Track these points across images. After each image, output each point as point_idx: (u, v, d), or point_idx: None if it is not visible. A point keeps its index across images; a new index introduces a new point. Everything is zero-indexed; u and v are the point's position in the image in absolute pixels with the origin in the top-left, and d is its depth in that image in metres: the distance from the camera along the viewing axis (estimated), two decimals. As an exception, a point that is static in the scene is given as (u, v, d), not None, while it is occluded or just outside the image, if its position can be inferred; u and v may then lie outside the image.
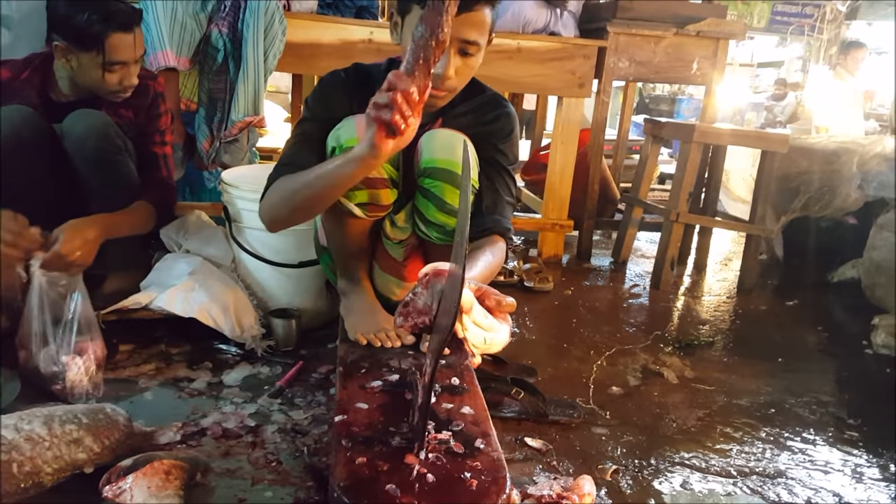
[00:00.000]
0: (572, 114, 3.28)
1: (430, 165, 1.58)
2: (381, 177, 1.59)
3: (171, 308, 1.96)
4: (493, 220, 1.62)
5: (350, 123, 1.54)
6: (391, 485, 1.18)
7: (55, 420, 1.35)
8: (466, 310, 1.18)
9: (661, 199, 3.82)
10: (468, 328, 1.20)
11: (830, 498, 1.58)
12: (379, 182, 1.60)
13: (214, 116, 2.72)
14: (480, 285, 1.26)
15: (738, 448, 1.77)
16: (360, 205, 1.62)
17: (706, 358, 2.38)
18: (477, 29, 1.48)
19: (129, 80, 2.01)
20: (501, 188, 1.67)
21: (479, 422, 1.44)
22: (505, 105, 1.72)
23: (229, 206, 2.20)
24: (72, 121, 1.98)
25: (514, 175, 1.74)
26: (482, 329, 1.21)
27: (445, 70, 1.49)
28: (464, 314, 1.19)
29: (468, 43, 1.49)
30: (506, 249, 1.62)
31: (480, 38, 1.50)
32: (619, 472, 1.60)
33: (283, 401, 1.77)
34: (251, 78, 2.61)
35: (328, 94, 1.67)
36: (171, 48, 2.47)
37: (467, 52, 1.50)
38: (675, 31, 3.33)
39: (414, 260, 1.84)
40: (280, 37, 2.64)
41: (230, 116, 2.66)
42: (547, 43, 3.13)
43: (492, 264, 1.51)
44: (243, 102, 2.62)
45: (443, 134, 1.60)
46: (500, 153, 1.68)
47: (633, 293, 3.11)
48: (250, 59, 2.58)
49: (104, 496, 1.27)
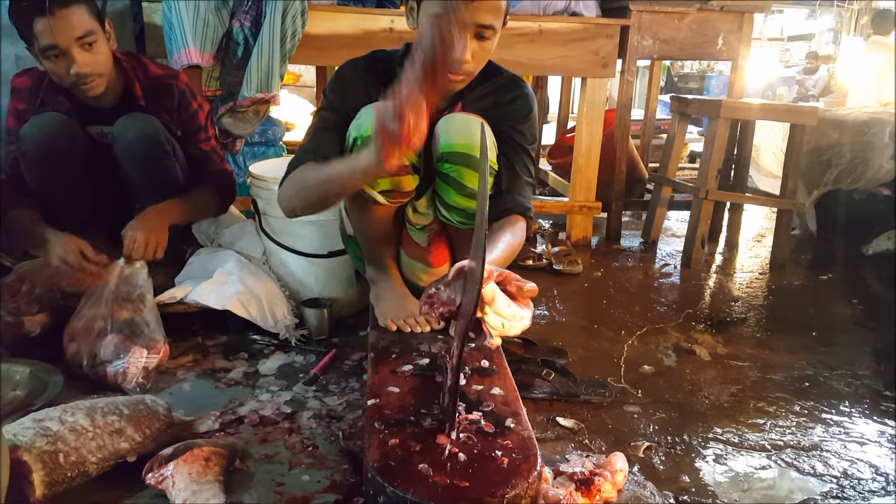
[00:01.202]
0: (597, 95, 3.26)
1: (448, 150, 1.59)
2: (402, 162, 1.61)
3: (206, 301, 2.00)
4: (512, 200, 1.63)
5: (369, 112, 1.56)
6: (423, 464, 1.21)
7: (97, 411, 1.40)
8: (489, 301, 1.20)
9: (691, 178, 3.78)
10: (488, 314, 1.21)
11: (867, 469, 1.57)
12: (401, 168, 1.61)
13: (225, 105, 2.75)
14: (502, 271, 1.27)
15: (772, 422, 1.76)
16: (383, 192, 1.64)
17: (739, 334, 2.36)
18: (492, 13, 1.50)
19: (77, 67, 1.85)
20: (520, 168, 1.68)
21: (509, 402, 1.46)
22: (522, 86, 1.73)
23: (258, 200, 2.24)
24: (123, 125, 1.98)
25: (533, 155, 1.74)
26: (505, 318, 1.22)
27: (462, 54, 1.50)
28: (486, 305, 1.20)
29: (483, 27, 1.50)
30: (526, 229, 1.63)
31: (496, 22, 1.51)
32: (652, 448, 1.60)
33: (317, 388, 1.80)
34: (265, 53, 2.60)
35: (345, 84, 1.69)
36: (194, 45, 2.49)
37: (483, 35, 1.52)
38: (699, 7, 3.28)
39: (438, 245, 1.86)
40: (300, 19, 2.63)
41: (241, 91, 2.67)
42: (568, 24, 3.11)
43: (512, 245, 1.52)
44: (256, 78, 2.62)
45: (459, 118, 1.61)
46: (519, 133, 1.69)
47: (663, 272, 3.09)
48: (265, 35, 2.58)
49: (147, 484, 1.31)
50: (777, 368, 2.08)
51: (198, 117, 2.18)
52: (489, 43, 1.54)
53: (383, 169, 1.33)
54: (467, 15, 1.46)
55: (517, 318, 1.24)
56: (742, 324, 2.46)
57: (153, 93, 2.08)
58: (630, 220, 4.01)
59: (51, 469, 1.26)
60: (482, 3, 1.47)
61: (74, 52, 1.84)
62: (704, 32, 3.36)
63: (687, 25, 3.32)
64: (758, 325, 2.47)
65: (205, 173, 2.20)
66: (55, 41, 1.81)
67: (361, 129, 1.55)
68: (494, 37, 1.54)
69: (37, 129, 1.89)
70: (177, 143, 2.10)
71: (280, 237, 2.20)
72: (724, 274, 3.14)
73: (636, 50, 3.29)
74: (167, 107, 2.11)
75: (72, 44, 1.83)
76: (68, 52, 1.83)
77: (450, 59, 1.27)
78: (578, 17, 3.18)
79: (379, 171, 1.36)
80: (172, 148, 2.06)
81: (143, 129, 1.98)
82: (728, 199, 3.45)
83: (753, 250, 3.55)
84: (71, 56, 1.84)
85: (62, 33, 1.80)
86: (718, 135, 3.06)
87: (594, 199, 3.39)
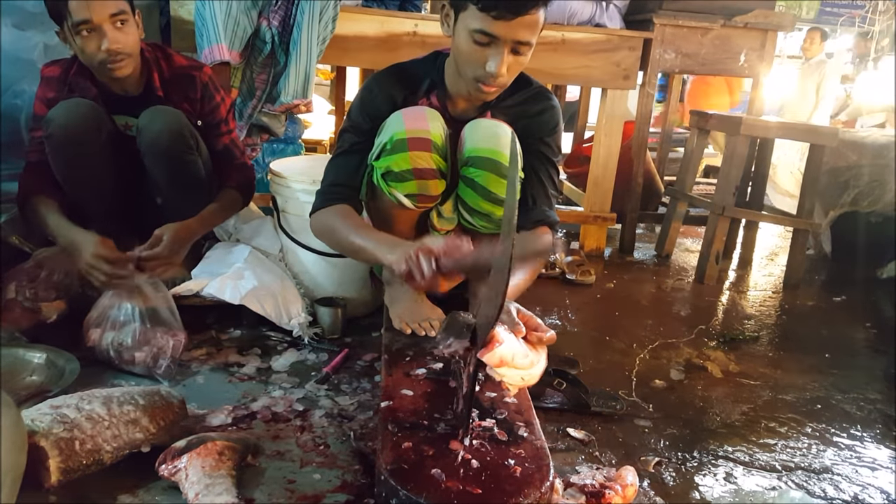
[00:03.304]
0: (616, 106, 3.26)
1: (474, 154, 1.60)
2: (430, 167, 1.62)
3: (221, 295, 2.01)
4: (542, 213, 1.64)
5: (398, 118, 1.58)
6: (436, 469, 1.21)
7: (113, 401, 1.40)
8: (508, 361, 1.20)
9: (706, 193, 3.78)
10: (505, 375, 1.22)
11: (878, 495, 1.56)
12: (428, 173, 1.62)
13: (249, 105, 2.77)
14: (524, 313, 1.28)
15: (783, 443, 1.76)
16: (410, 195, 1.65)
17: (751, 353, 2.36)
18: (530, 30, 1.51)
19: (108, 44, 1.88)
20: (547, 181, 1.69)
21: (523, 411, 1.46)
22: (550, 98, 1.73)
23: (277, 197, 2.25)
24: (148, 117, 2.00)
25: (559, 168, 1.75)
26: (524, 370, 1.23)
27: (498, 69, 1.51)
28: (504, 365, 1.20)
29: (521, 43, 1.51)
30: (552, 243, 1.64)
31: (532, 38, 1.52)
32: (663, 464, 1.60)
33: (329, 387, 1.80)
34: (304, 60, 2.64)
35: (368, 103, 1.71)
36: (225, 42, 2.52)
37: (519, 51, 1.53)
38: (723, 23, 3.28)
39: None
40: (331, 24, 2.67)
41: (279, 98, 2.70)
42: (592, 34, 3.12)
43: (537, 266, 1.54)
44: (293, 84, 2.66)
45: (486, 124, 1.62)
46: (546, 146, 1.70)
47: (676, 287, 3.09)
48: (303, 42, 2.61)
49: (160, 475, 1.32)
50: (789, 389, 2.08)
51: (220, 110, 2.19)
52: (524, 58, 1.55)
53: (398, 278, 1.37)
54: (506, 31, 1.47)
55: (534, 364, 1.25)
56: (754, 342, 2.46)
57: (177, 83, 2.10)
58: (643, 233, 4.00)
59: (67, 456, 1.27)
60: (522, 19, 1.47)
61: (106, 27, 1.87)
62: (727, 48, 3.36)
63: (710, 41, 3.32)
64: (770, 344, 2.46)
65: (226, 167, 2.22)
66: (90, 16, 1.85)
67: (392, 130, 1.57)
68: (529, 51, 1.55)
69: (63, 113, 1.91)
70: (199, 137, 2.11)
71: (298, 235, 2.20)
72: (737, 291, 3.13)
73: (658, 63, 3.29)
74: (190, 97, 2.12)
75: (105, 20, 1.87)
76: (100, 27, 1.87)
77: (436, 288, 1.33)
78: (602, 28, 3.18)
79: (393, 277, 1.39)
80: (196, 142, 2.08)
81: (169, 122, 1.99)
82: (745, 216, 3.44)
83: (767, 269, 3.54)
84: (103, 31, 1.87)
85: (97, 9, 1.85)
86: (738, 152, 3.05)
87: (609, 210, 3.39)
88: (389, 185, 1.63)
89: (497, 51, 1.49)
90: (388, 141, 1.57)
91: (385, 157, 1.61)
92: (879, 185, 3.35)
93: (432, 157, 1.60)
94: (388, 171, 1.61)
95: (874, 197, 3.38)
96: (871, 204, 3.40)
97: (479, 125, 1.62)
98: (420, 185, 1.63)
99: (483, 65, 1.51)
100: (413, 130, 1.58)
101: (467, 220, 1.70)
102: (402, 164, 1.60)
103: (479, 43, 1.50)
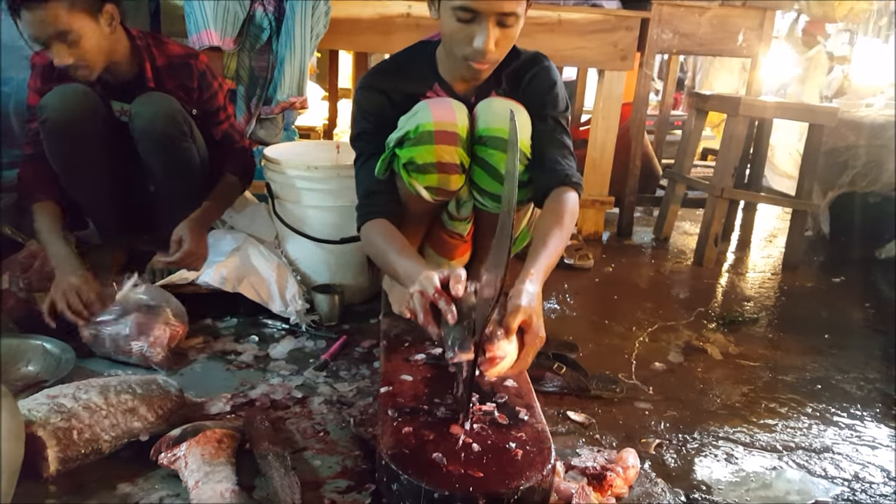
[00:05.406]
0: (614, 88, 3.23)
1: (487, 133, 1.58)
2: (454, 162, 1.59)
3: (217, 283, 2.00)
4: (561, 173, 1.59)
5: (426, 108, 1.56)
6: (438, 453, 1.20)
7: (111, 390, 1.40)
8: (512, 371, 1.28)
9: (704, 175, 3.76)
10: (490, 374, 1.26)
11: (878, 473, 1.56)
12: (452, 168, 1.59)
13: (254, 95, 2.74)
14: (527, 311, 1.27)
15: (783, 423, 1.75)
16: (429, 188, 1.62)
17: (750, 334, 2.35)
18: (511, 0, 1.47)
19: (57, 60, 1.83)
20: (560, 135, 1.65)
21: (523, 394, 1.45)
22: (542, 60, 1.71)
23: (272, 183, 2.23)
24: (140, 104, 1.98)
25: (569, 120, 1.72)
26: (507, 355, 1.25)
27: (485, 45, 1.48)
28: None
29: (505, 15, 1.47)
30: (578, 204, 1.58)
31: (517, 8, 1.48)
32: (663, 445, 1.60)
33: (327, 373, 1.80)
34: (297, 57, 2.62)
35: (365, 107, 1.69)
36: (214, 28, 2.48)
37: (505, 23, 1.49)
38: (721, 2, 3.25)
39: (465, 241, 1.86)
40: (324, 18, 2.64)
41: (275, 96, 2.68)
42: (588, 14, 3.09)
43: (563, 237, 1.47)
44: (288, 82, 2.64)
45: (498, 103, 1.60)
46: (549, 105, 1.66)
47: (675, 270, 3.08)
48: (297, 39, 2.59)
49: (159, 463, 1.31)
50: (788, 370, 2.07)
51: (218, 97, 2.17)
52: (512, 30, 1.52)
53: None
54: (487, 4, 1.45)
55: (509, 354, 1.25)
56: (754, 324, 2.45)
57: (172, 71, 2.07)
58: (641, 216, 3.99)
59: (65, 445, 1.26)
60: None
61: (54, 46, 1.82)
62: (725, 28, 3.33)
63: (707, 20, 3.29)
64: (769, 325, 2.46)
65: (227, 153, 2.21)
66: (35, 34, 1.81)
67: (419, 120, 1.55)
68: (518, 23, 1.52)
69: (58, 97, 1.89)
70: (193, 124, 2.09)
71: (293, 222, 2.19)
72: (736, 273, 3.12)
73: (655, 43, 3.26)
74: (186, 86, 2.10)
75: (50, 39, 1.82)
76: (49, 45, 1.83)
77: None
78: (599, 8, 3.15)
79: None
80: (190, 128, 2.06)
81: (162, 107, 1.97)
82: (744, 197, 3.42)
83: (766, 250, 3.53)
84: (55, 50, 1.83)
85: (39, 28, 1.79)
86: (736, 133, 3.03)
87: (607, 193, 3.37)
88: (411, 176, 1.61)
89: (482, 26, 1.46)
90: (412, 130, 1.55)
91: (409, 147, 1.57)
92: (877, 166, 3.33)
93: (457, 152, 1.58)
94: (410, 162, 1.59)
95: (872, 177, 3.36)
96: (869, 184, 3.39)
97: (492, 104, 1.60)
98: (441, 178, 1.60)
99: (470, 42, 1.49)
100: (441, 123, 1.55)
101: (478, 199, 1.69)
102: (427, 157, 1.57)
103: (462, 20, 1.47)
